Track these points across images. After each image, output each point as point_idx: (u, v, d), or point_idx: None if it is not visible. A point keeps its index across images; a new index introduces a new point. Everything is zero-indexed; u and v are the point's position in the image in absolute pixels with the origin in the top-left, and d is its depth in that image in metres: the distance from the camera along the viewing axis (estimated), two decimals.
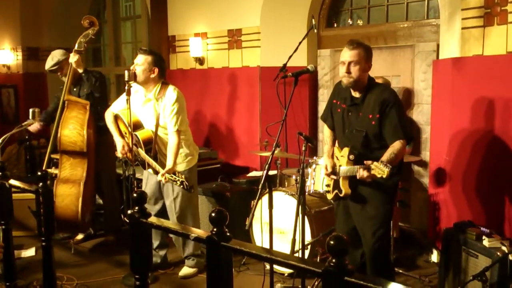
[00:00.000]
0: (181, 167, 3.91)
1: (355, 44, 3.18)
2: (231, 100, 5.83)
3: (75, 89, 4.68)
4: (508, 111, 3.75)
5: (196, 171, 4.16)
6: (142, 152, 3.85)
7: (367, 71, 3.21)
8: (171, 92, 3.85)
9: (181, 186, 3.54)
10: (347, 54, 3.17)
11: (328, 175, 3.33)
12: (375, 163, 2.96)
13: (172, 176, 3.56)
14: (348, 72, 3.15)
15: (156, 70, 3.83)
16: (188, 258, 4.17)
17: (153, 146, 3.86)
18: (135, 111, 3.91)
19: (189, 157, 4.02)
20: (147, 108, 3.92)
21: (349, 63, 3.14)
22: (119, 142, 3.95)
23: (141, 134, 3.87)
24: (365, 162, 3.03)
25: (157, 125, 3.86)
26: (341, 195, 3.28)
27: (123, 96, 3.93)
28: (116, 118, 4.05)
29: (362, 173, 3.05)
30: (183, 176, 3.54)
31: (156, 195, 4.10)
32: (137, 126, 3.89)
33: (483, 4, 3.84)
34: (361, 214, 3.28)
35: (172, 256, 4.41)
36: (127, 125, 3.82)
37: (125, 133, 4.00)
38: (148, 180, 4.12)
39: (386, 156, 3.06)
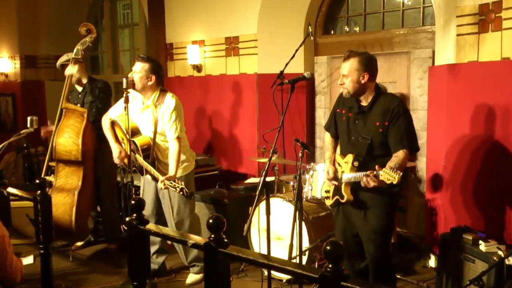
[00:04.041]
0: (178, 173, 3.93)
1: (346, 55, 3.21)
2: (229, 107, 5.86)
3: (80, 96, 4.69)
4: (504, 116, 3.78)
5: (193, 177, 4.19)
6: (140, 158, 3.87)
7: (362, 81, 3.16)
8: (170, 99, 3.88)
9: (181, 193, 3.54)
10: (342, 66, 3.23)
11: (330, 180, 3.34)
12: (383, 169, 2.94)
13: (171, 183, 3.57)
14: (341, 83, 3.23)
15: (154, 77, 3.85)
16: (192, 265, 4.16)
17: (151, 153, 3.88)
18: (133, 118, 3.93)
19: (186, 164, 4.02)
20: (145, 115, 3.94)
21: (343, 76, 3.21)
22: (115, 148, 4.00)
23: (139, 140, 3.89)
24: (376, 167, 2.98)
25: (155, 132, 3.88)
26: (343, 201, 3.28)
27: (120, 102, 3.96)
28: (113, 124, 4.07)
29: (368, 180, 3.01)
30: (182, 183, 3.55)
31: (154, 202, 4.08)
32: (135, 132, 3.92)
33: (477, 11, 3.88)
34: (364, 224, 3.27)
35: (171, 263, 4.41)
36: (125, 131, 3.84)
37: (122, 139, 4.02)
38: (145, 188, 4.13)
39: (393, 162, 3.06)
